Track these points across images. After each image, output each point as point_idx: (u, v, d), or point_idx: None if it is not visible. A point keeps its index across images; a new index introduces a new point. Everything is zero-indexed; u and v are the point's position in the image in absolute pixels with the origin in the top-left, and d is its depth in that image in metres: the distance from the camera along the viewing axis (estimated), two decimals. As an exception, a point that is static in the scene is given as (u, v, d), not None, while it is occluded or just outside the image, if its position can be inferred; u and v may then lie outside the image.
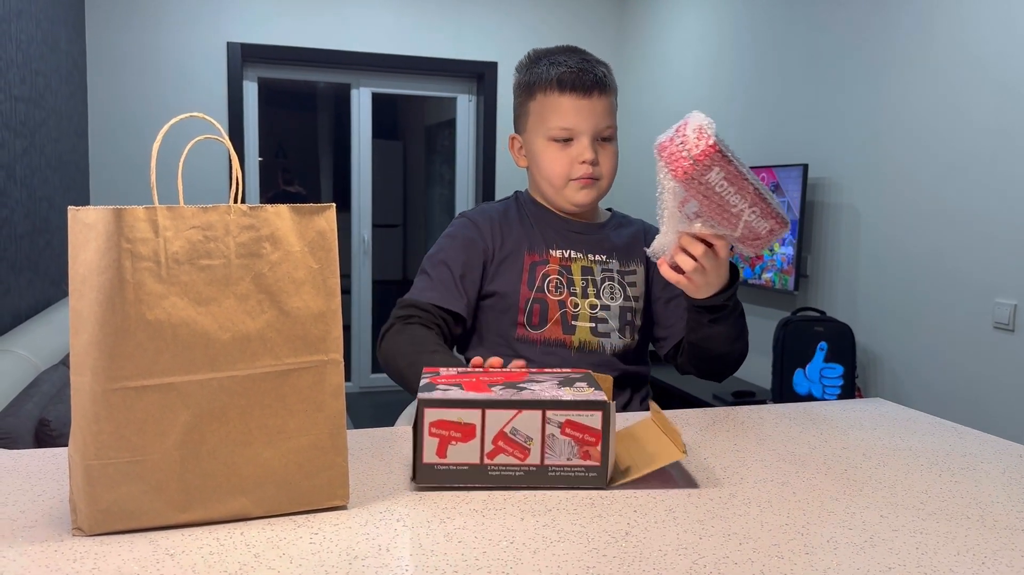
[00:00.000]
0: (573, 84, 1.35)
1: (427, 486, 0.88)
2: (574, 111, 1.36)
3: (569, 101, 1.36)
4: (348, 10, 4.67)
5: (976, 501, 0.88)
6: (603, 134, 1.39)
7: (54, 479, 0.90)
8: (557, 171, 1.39)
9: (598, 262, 1.44)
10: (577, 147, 1.37)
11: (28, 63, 3.00)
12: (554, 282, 1.41)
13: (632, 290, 1.45)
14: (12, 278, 2.75)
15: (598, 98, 1.37)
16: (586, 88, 1.35)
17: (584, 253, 1.44)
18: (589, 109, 1.36)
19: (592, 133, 1.37)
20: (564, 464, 0.88)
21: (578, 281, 1.42)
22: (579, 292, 1.41)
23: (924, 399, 2.88)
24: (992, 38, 2.62)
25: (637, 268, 1.47)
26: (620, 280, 1.45)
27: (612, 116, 1.40)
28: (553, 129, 1.37)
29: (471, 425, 0.87)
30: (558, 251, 1.43)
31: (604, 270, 1.44)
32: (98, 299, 0.73)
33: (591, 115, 1.36)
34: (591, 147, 1.37)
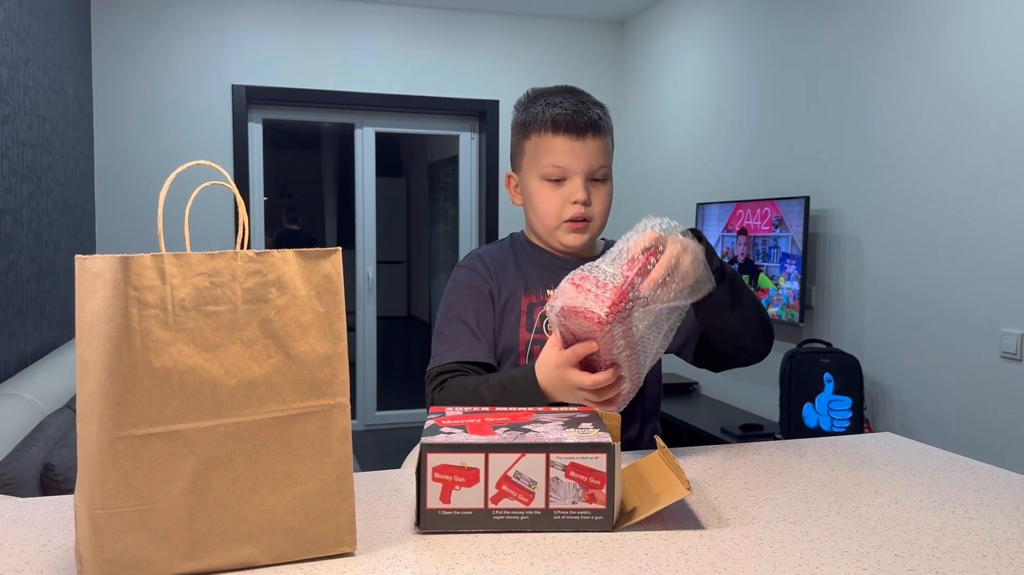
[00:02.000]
0: (567, 125, 1.35)
1: (432, 532, 0.87)
2: (568, 151, 1.36)
3: (563, 142, 1.36)
4: (350, 51, 4.73)
5: (991, 538, 0.87)
6: (596, 175, 1.38)
7: (60, 528, 0.89)
8: (549, 211, 1.38)
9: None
10: (569, 187, 1.36)
11: (36, 109, 3.04)
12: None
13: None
14: (18, 322, 2.76)
15: (592, 139, 1.36)
16: (580, 129, 1.35)
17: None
18: (583, 150, 1.36)
19: (585, 173, 1.36)
20: (569, 508, 0.87)
21: None
22: None
23: (933, 430, 2.86)
24: (992, 70, 2.64)
25: None
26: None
27: (606, 157, 1.39)
28: (546, 168, 1.37)
29: (474, 470, 0.86)
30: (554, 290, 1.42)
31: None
32: (105, 347, 0.73)
33: (584, 156, 1.36)
34: (583, 187, 1.36)
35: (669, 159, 4.61)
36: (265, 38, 4.58)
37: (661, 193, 4.70)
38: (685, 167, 4.45)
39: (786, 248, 3.40)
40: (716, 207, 3.91)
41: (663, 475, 0.95)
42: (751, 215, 3.63)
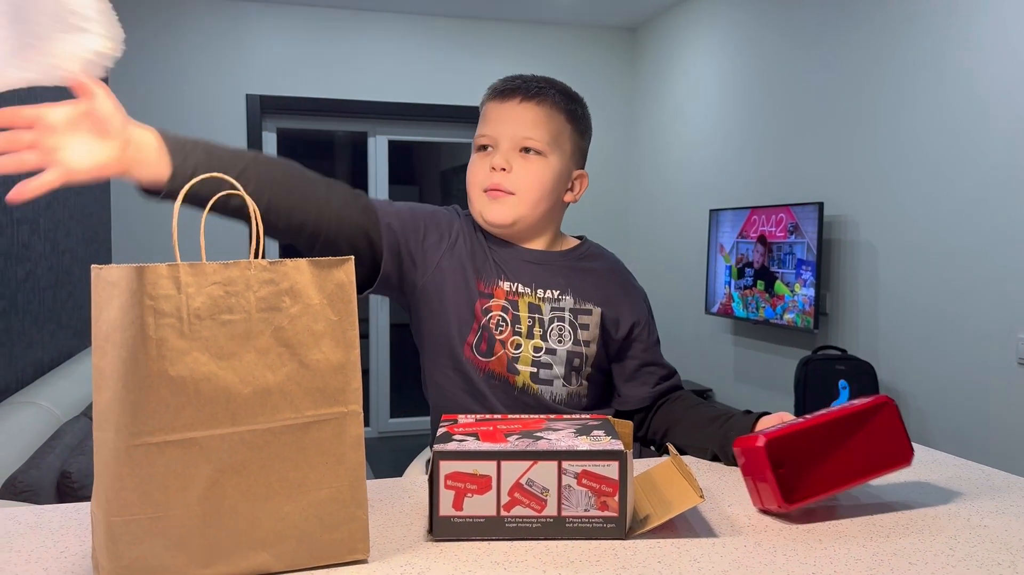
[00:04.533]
0: (495, 91, 1.29)
1: (444, 539, 0.87)
2: (493, 117, 1.28)
3: (490, 108, 1.29)
4: (363, 60, 4.75)
5: (1006, 546, 0.86)
6: (524, 143, 1.26)
7: (77, 535, 0.90)
8: (471, 179, 1.30)
9: (548, 299, 1.30)
10: (493, 155, 1.27)
11: (53, 119, 3.07)
12: (495, 319, 1.28)
13: (584, 333, 1.31)
14: (35, 331, 2.78)
15: (520, 103, 1.27)
16: (507, 93, 1.27)
17: (533, 288, 1.30)
18: (508, 113, 1.27)
19: (510, 139, 1.26)
20: (582, 515, 0.87)
21: (524, 318, 1.29)
22: (523, 331, 1.28)
23: (949, 437, 2.84)
24: (1006, 75, 2.63)
25: (593, 308, 1.32)
26: (572, 320, 1.30)
27: (541, 129, 1.27)
28: (476, 138, 1.30)
29: (487, 477, 0.86)
30: (505, 283, 1.30)
31: (554, 309, 1.30)
32: (121, 356, 0.73)
33: (510, 121, 1.27)
34: (505, 155, 1.26)
35: (682, 165, 4.61)
36: (279, 48, 4.61)
37: (674, 199, 4.70)
38: (698, 173, 4.44)
39: (801, 254, 3.39)
40: (729, 213, 3.90)
41: (676, 483, 0.95)
42: (765, 221, 3.62)
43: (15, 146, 0.88)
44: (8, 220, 2.52)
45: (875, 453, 0.97)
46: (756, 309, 3.69)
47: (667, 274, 4.77)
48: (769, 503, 0.93)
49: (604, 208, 5.20)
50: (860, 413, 0.97)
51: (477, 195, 1.29)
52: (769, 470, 0.91)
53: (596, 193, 5.19)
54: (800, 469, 0.93)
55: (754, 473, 0.94)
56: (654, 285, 4.94)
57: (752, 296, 3.72)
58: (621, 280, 1.39)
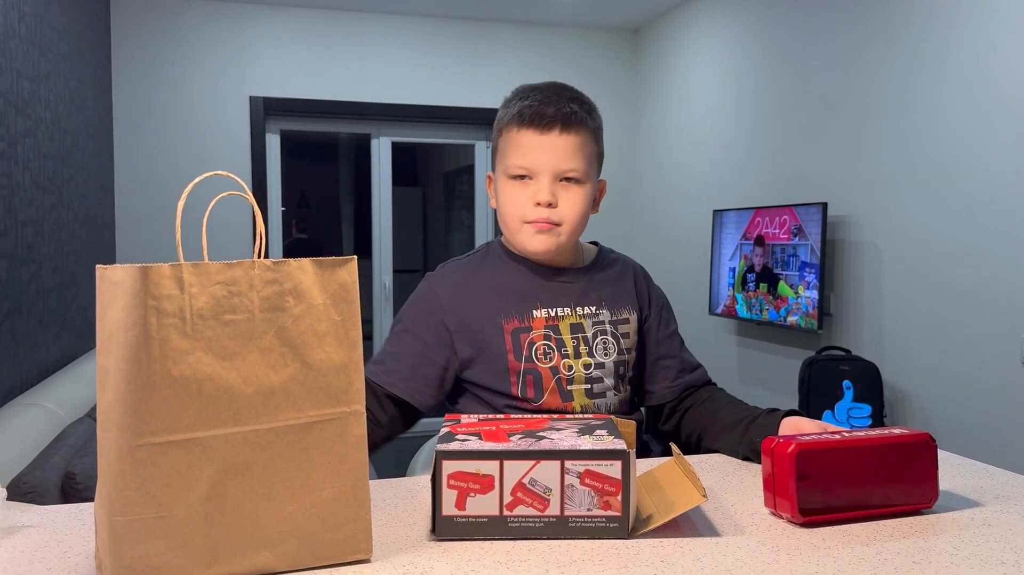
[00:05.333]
0: (532, 118, 1.25)
1: (447, 539, 0.87)
2: (532, 147, 1.25)
3: (528, 136, 1.25)
4: (367, 62, 4.76)
5: (1011, 546, 0.86)
6: (566, 174, 1.26)
7: (80, 535, 0.90)
8: (512, 212, 1.27)
9: (588, 315, 1.31)
10: (534, 187, 1.25)
11: (57, 122, 3.08)
12: (541, 348, 1.27)
13: (626, 341, 1.33)
14: (39, 332, 2.79)
15: (560, 135, 1.25)
16: (545, 123, 1.24)
17: (572, 307, 1.31)
18: (548, 146, 1.24)
19: (552, 172, 1.25)
20: (584, 514, 0.87)
21: (568, 341, 1.29)
22: (571, 353, 1.29)
23: (953, 437, 2.83)
24: (1008, 72, 2.62)
25: (629, 316, 1.35)
26: (613, 332, 1.32)
27: (580, 157, 1.26)
28: (511, 167, 1.27)
29: (489, 476, 0.86)
30: (542, 310, 1.30)
31: (595, 323, 1.32)
32: (124, 356, 0.74)
33: (551, 152, 1.24)
34: (549, 188, 1.25)
35: (685, 166, 4.60)
36: (282, 50, 4.62)
37: (678, 200, 4.70)
38: (701, 174, 4.44)
39: (805, 256, 3.39)
40: (733, 214, 3.90)
41: (679, 482, 0.95)
42: (769, 223, 3.62)
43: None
44: (13, 222, 2.53)
45: (900, 488, 0.95)
46: (760, 311, 3.68)
47: (671, 275, 4.77)
48: (784, 511, 0.92)
49: (607, 209, 5.20)
50: (899, 445, 0.95)
51: (519, 227, 1.28)
52: (793, 479, 0.91)
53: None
54: (823, 485, 0.92)
55: (777, 478, 0.93)
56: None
57: (756, 298, 3.71)
58: (641, 279, 1.43)
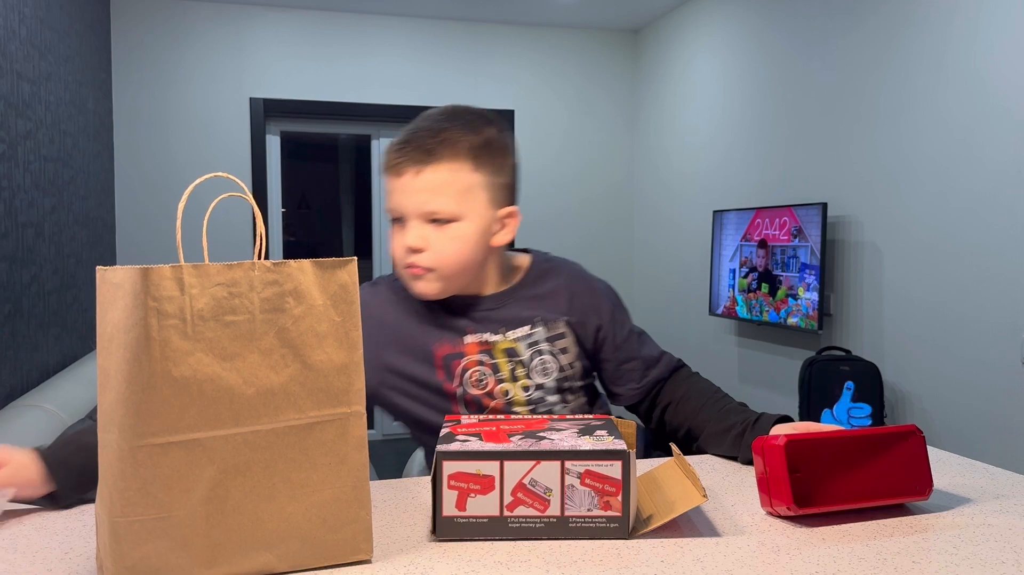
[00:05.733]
0: (388, 163, 1.21)
1: (448, 539, 0.87)
2: (395, 192, 1.20)
3: (389, 180, 1.21)
4: (367, 63, 4.76)
5: (1010, 545, 0.86)
6: (431, 216, 1.18)
7: (81, 537, 0.90)
8: (393, 255, 1.24)
9: (522, 338, 1.26)
10: (405, 230, 1.20)
11: (57, 124, 3.08)
12: (475, 375, 1.24)
13: (565, 357, 1.28)
14: (40, 334, 2.79)
15: (416, 176, 1.18)
16: (397, 166, 1.19)
17: (503, 333, 1.26)
18: (405, 189, 1.19)
19: (417, 216, 1.19)
20: (585, 515, 0.87)
21: (503, 366, 1.25)
22: (507, 377, 1.25)
23: (953, 437, 2.83)
24: (1008, 71, 2.62)
25: (565, 330, 1.29)
26: (551, 350, 1.27)
27: (445, 195, 1.18)
28: (388, 209, 1.23)
29: (490, 477, 0.86)
30: (472, 336, 1.25)
31: (530, 344, 1.26)
32: (125, 357, 0.74)
33: (410, 195, 1.19)
34: (417, 232, 1.19)
35: (685, 166, 4.61)
36: (282, 51, 4.62)
37: (678, 201, 4.70)
38: (701, 174, 4.44)
39: (805, 258, 3.39)
40: (733, 214, 3.90)
41: (679, 482, 0.95)
42: (769, 224, 3.62)
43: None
44: (13, 224, 2.53)
45: (893, 480, 0.96)
46: (760, 312, 3.68)
47: (671, 276, 4.77)
48: (779, 505, 0.93)
49: (607, 210, 5.20)
50: (886, 436, 0.97)
51: (400, 271, 1.24)
52: (785, 471, 0.91)
53: (599, 195, 5.19)
54: (815, 477, 0.93)
55: (769, 473, 0.93)
56: (658, 287, 4.93)
57: (756, 300, 3.72)
58: (581, 287, 1.34)
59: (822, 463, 0.94)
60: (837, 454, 0.95)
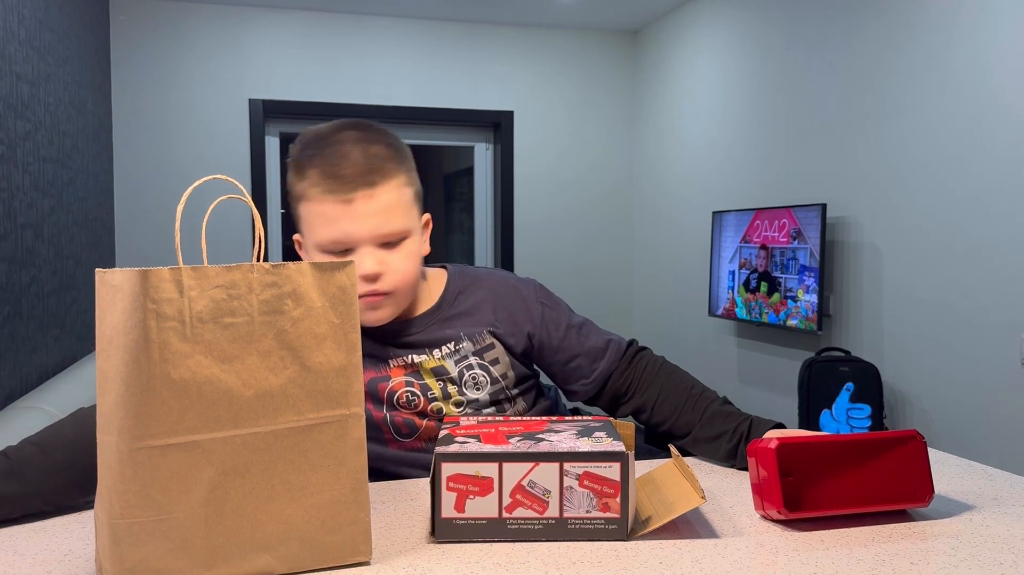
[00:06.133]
0: (331, 188, 1.09)
1: (446, 541, 0.88)
2: (342, 219, 1.09)
3: (332, 208, 1.09)
4: (366, 64, 4.76)
5: (1009, 546, 0.86)
6: (385, 239, 1.12)
7: (80, 538, 0.90)
8: None
9: (447, 355, 1.22)
10: (356, 259, 1.10)
11: (56, 125, 3.08)
12: (404, 396, 1.20)
13: (497, 368, 1.24)
14: (39, 336, 2.79)
15: (371, 199, 1.09)
16: (347, 189, 1.09)
17: (428, 352, 1.22)
18: (358, 215, 1.09)
19: (370, 241, 1.11)
20: (583, 516, 0.87)
21: (433, 385, 1.21)
22: (439, 395, 1.21)
23: (952, 438, 2.83)
24: (1007, 73, 2.63)
25: (493, 340, 1.25)
26: (480, 363, 1.23)
27: (398, 213, 1.12)
28: (325, 242, 1.11)
29: (488, 479, 0.87)
30: (397, 360, 1.21)
31: (458, 360, 1.22)
32: (124, 359, 0.74)
33: (363, 221, 1.09)
34: (372, 258, 1.11)
35: (684, 168, 4.61)
36: (282, 52, 4.62)
37: (677, 202, 4.70)
38: (701, 175, 4.44)
39: (804, 260, 3.39)
40: (733, 215, 3.90)
41: (677, 484, 0.95)
42: (768, 226, 3.62)
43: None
44: (12, 226, 2.53)
45: (892, 485, 0.95)
46: (760, 314, 3.69)
47: (670, 276, 4.77)
48: (770, 509, 0.93)
49: (607, 211, 5.21)
50: (886, 441, 0.96)
51: None
52: (776, 475, 0.91)
53: (599, 196, 5.19)
54: (808, 481, 0.93)
55: (761, 477, 0.94)
56: (657, 287, 4.93)
57: (755, 301, 3.72)
58: (505, 295, 1.29)
59: (818, 468, 0.93)
60: (835, 459, 0.94)
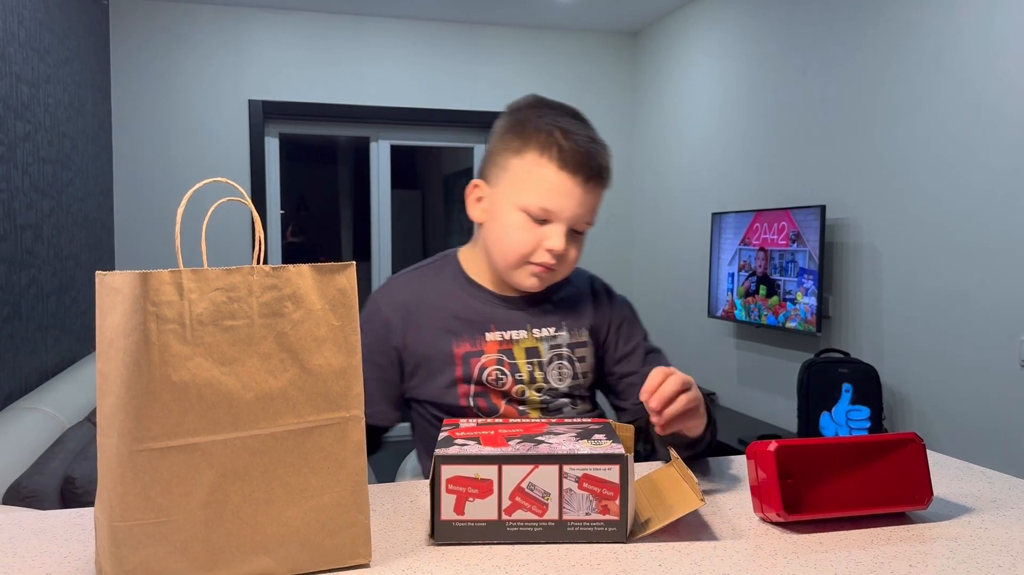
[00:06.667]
0: (577, 166, 1.16)
1: (446, 543, 0.88)
2: (565, 195, 1.17)
3: (564, 182, 1.16)
4: (365, 65, 4.77)
5: (1007, 549, 0.86)
6: (582, 228, 1.21)
7: (80, 540, 0.90)
8: (515, 248, 1.20)
9: (545, 338, 1.26)
10: (549, 231, 1.18)
11: (56, 126, 3.08)
12: (493, 374, 1.23)
13: (581, 365, 1.29)
14: (39, 336, 2.79)
15: (595, 188, 1.19)
16: (589, 175, 1.17)
17: (528, 330, 1.26)
18: (582, 198, 1.18)
19: (571, 222, 1.19)
20: (583, 519, 0.87)
21: (523, 366, 1.24)
22: (525, 378, 1.24)
23: (952, 440, 2.84)
24: (1007, 77, 2.63)
25: (587, 339, 1.30)
26: (570, 355, 1.28)
27: (597, 211, 1.23)
28: (532, 205, 1.17)
29: (488, 481, 0.87)
30: (495, 333, 1.25)
31: (552, 346, 1.27)
32: (124, 361, 0.74)
33: (581, 204, 1.18)
34: (563, 236, 1.18)
35: (684, 169, 4.61)
36: (281, 53, 4.62)
37: (676, 203, 4.70)
38: (700, 177, 4.44)
39: (803, 263, 3.39)
40: (732, 217, 3.90)
41: (676, 486, 0.96)
42: (768, 228, 3.62)
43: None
44: (12, 226, 2.53)
45: (891, 488, 0.95)
46: (759, 316, 3.69)
47: (670, 277, 4.77)
48: (770, 511, 0.93)
49: (607, 212, 5.21)
50: (885, 444, 0.96)
51: (517, 263, 1.20)
52: (775, 477, 0.91)
53: (598, 197, 5.19)
54: (807, 484, 0.93)
55: (760, 479, 0.94)
56: (657, 289, 4.93)
57: (755, 303, 3.72)
58: (603, 297, 1.36)
59: (817, 470, 0.94)
60: (834, 461, 0.95)
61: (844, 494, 0.94)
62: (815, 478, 0.93)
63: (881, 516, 0.96)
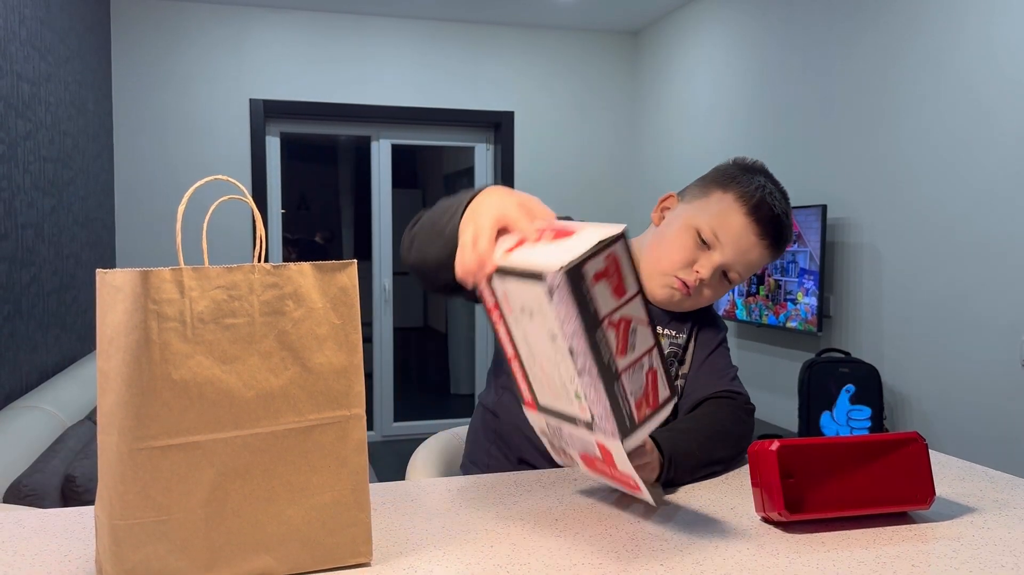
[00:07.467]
0: (761, 219, 1.23)
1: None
2: (737, 233, 1.23)
3: (743, 224, 1.23)
4: (367, 65, 4.76)
5: (1010, 549, 0.86)
6: (732, 271, 1.26)
7: (80, 539, 0.90)
8: (669, 258, 1.26)
9: (668, 336, 1.33)
10: (705, 257, 1.24)
11: (57, 124, 3.08)
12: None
13: (683, 367, 1.35)
14: (39, 335, 2.79)
15: (763, 248, 1.25)
16: (765, 231, 1.24)
17: (665, 324, 1.33)
18: (748, 246, 1.24)
19: (727, 262, 1.24)
20: (626, 393, 0.84)
21: None
22: None
23: (953, 439, 2.83)
24: (1007, 77, 2.63)
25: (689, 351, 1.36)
26: (681, 356, 1.34)
27: (754, 270, 1.28)
28: (704, 226, 1.24)
29: (620, 273, 0.81)
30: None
31: (672, 344, 1.33)
32: (125, 360, 0.74)
33: (744, 251, 1.24)
34: (714, 267, 1.24)
35: (684, 168, 4.61)
36: (283, 52, 4.62)
37: (677, 203, 4.70)
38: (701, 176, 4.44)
39: (804, 263, 3.39)
40: (732, 216, 3.90)
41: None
42: (767, 225, 3.62)
43: None
44: (13, 225, 2.53)
45: (893, 487, 0.95)
46: (760, 316, 3.69)
47: (670, 277, 4.77)
48: (772, 511, 0.93)
49: (607, 212, 5.20)
50: (887, 443, 0.96)
51: (664, 273, 1.26)
52: (777, 477, 0.91)
53: (599, 197, 5.19)
54: (810, 483, 0.93)
55: (762, 478, 0.93)
56: (657, 288, 4.93)
57: (755, 303, 3.72)
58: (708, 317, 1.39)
59: (819, 470, 0.93)
60: (836, 461, 0.94)
61: (846, 494, 0.94)
62: (817, 478, 0.93)
63: (883, 516, 0.96)
